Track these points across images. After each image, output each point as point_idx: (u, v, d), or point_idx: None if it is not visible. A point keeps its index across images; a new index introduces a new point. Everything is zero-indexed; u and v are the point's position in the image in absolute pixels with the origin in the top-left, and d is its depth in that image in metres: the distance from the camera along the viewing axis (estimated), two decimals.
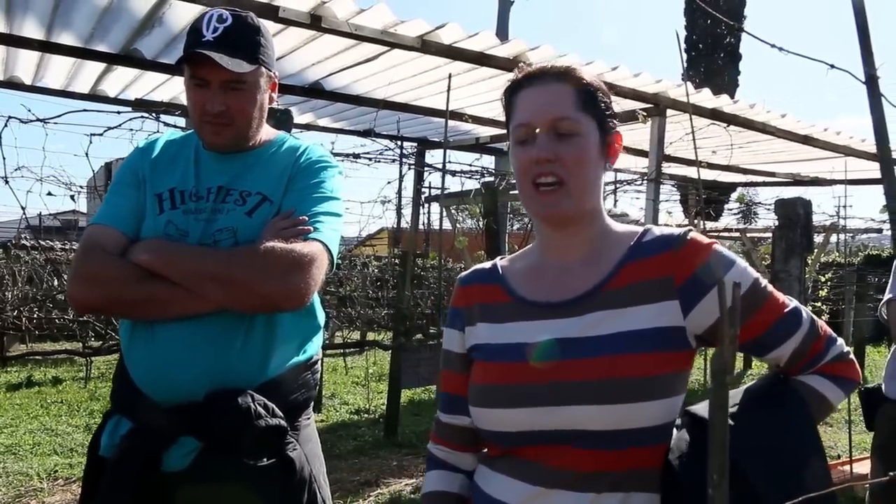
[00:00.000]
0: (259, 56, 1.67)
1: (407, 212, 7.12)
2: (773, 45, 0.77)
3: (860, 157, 7.02)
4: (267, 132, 1.79)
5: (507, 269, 1.35)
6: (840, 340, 1.26)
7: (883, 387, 2.80)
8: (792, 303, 1.23)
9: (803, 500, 0.92)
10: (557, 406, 1.15)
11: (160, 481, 1.53)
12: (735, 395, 1.21)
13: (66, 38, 4.33)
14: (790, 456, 1.12)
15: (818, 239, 10.60)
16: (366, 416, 7.29)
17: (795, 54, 0.77)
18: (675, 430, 1.16)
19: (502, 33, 14.83)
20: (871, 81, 0.76)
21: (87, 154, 3.92)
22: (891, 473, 0.97)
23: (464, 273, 1.42)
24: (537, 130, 1.20)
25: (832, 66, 0.74)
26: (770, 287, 1.23)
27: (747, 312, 1.19)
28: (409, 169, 6.48)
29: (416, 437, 6.31)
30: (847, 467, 5.01)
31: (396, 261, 8.90)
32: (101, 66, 4.79)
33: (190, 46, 1.63)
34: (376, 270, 11.03)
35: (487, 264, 1.39)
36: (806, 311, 1.24)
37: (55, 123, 3.84)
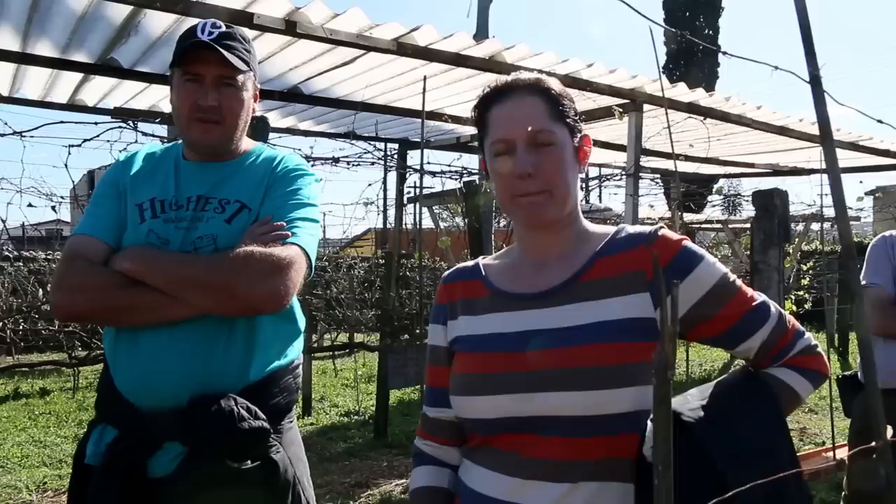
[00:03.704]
0: (249, 62, 1.72)
1: (392, 213, 7.13)
2: (717, 49, 0.79)
3: (837, 147, 7.09)
4: (246, 143, 1.83)
5: (489, 266, 1.40)
6: (808, 334, 1.29)
7: (859, 374, 2.84)
8: (760, 297, 1.27)
9: (772, 489, 0.96)
10: (533, 393, 1.19)
11: (146, 487, 1.56)
12: (706, 388, 1.25)
13: (43, 48, 4.31)
14: (759, 446, 1.16)
15: (798, 228, 10.67)
16: (356, 417, 7.30)
17: (739, 57, 0.80)
18: (649, 423, 1.20)
19: (483, 30, 14.82)
20: (815, 81, 0.80)
21: (66, 165, 3.92)
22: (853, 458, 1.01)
23: (447, 272, 1.46)
24: (518, 143, 1.24)
25: (776, 68, 0.78)
26: (739, 281, 1.27)
27: (716, 306, 1.23)
28: (391, 170, 6.48)
29: (406, 438, 6.32)
30: (831, 454, 5.09)
31: (381, 262, 8.90)
32: (79, 75, 4.78)
33: (184, 47, 1.67)
34: (362, 272, 11.02)
35: (470, 263, 1.44)
36: (774, 304, 1.28)
37: (31, 137, 3.84)
